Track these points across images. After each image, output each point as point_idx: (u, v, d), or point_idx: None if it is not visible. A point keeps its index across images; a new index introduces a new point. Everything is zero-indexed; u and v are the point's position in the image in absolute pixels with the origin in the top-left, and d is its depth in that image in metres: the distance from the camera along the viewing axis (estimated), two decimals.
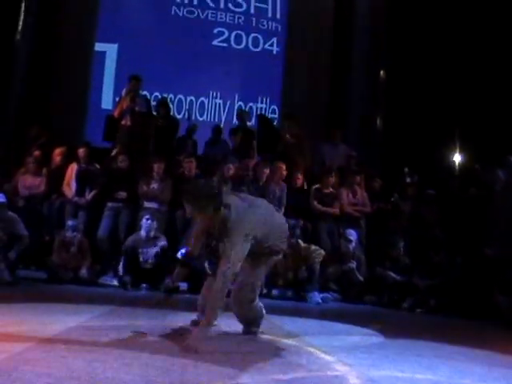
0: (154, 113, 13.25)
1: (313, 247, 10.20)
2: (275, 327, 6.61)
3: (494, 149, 11.84)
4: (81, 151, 11.77)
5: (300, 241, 10.29)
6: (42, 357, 4.13)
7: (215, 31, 16.63)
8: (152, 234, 10.00)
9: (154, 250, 9.86)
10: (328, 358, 4.95)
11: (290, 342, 5.62)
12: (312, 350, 5.25)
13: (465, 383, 4.39)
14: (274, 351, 5.09)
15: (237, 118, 14.67)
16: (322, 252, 10.18)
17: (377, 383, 4.15)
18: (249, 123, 14.29)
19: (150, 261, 9.85)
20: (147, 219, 10.05)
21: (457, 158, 12.80)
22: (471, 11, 14.36)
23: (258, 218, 5.42)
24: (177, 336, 5.33)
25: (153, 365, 4.17)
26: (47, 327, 5.31)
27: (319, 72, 16.56)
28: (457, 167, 12.82)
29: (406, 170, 13.45)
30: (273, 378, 4.05)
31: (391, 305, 10.14)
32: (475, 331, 7.83)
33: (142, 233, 10.02)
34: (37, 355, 4.19)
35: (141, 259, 9.84)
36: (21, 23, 15.15)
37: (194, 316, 5.92)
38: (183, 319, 6.13)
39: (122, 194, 11.05)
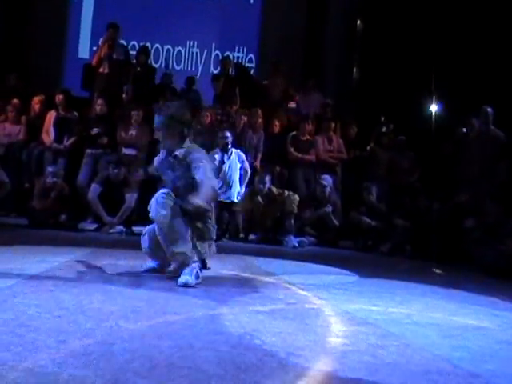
0: (133, 61, 13.32)
1: (287, 193, 10.33)
2: (253, 267, 6.78)
3: (470, 98, 11.92)
4: (58, 98, 11.79)
5: (273, 187, 10.42)
6: (30, 291, 4.23)
7: None
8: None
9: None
10: (304, 293, 5.11)
11: (267, 279, 5.78)
12: (289, 286, 5.41)
13: (436, 317, 4.48)
14: (253, 287, 5.24)
15: (220, 66, 14.57)
16: (297, 197, 10.31)
17: (351, 315, 4.29)
18: None
19: None
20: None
21: (433, 107, 12.86)
22: None
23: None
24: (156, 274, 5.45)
25: (137, 297, 4.31)
26: (32, 266, 5.39)
27: (295, 21, 16.51)
28: (433, 117, 12.90)
29: (383, 119, 13.57)
30: (252, 310, 4.18)
31: (365, 249, 10.39)
32: (450, 274, 7.94)
33: None
34: (25, 289, 4.28)
35: None
36: None
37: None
38: None
39: (103, 139, 11.16)
